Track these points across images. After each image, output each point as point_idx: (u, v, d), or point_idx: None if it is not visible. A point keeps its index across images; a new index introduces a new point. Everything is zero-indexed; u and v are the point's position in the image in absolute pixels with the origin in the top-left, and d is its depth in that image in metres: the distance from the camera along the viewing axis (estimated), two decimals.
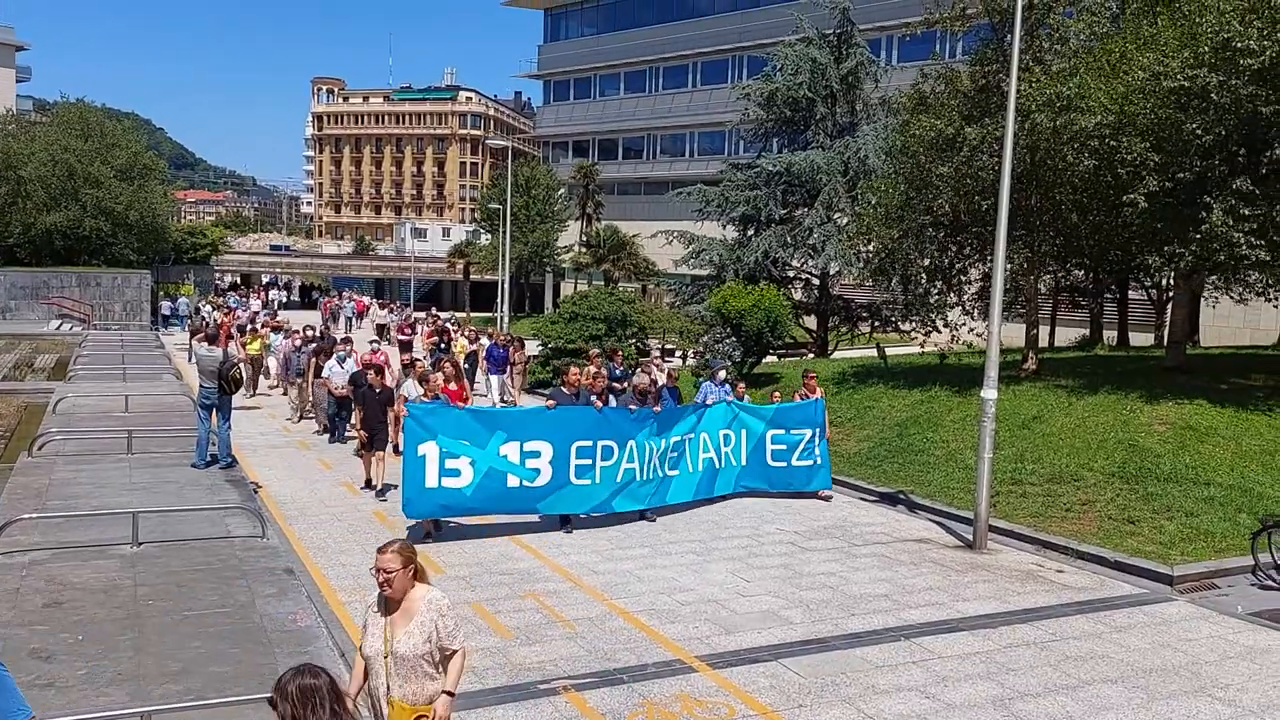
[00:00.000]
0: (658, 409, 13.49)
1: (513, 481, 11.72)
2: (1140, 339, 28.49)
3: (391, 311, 47.73)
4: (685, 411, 14.00)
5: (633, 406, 13.26)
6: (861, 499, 14.76)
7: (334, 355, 18.32)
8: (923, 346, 23.14)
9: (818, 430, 14.56)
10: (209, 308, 42.60)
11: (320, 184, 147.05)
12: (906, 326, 24.05)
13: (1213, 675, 8.23)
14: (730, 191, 31.46)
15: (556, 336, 26.58)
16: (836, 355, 30.00)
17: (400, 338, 31.12)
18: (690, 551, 11.63)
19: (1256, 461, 13.80)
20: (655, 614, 9.35)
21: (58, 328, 43.63)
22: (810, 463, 14.51)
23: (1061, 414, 16.07)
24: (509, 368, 23.13)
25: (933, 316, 21.21)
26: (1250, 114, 14.31)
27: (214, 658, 7.82)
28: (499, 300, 41.22)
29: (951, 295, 21.09)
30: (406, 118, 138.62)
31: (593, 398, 13.36)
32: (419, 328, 34.01)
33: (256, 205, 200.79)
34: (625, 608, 9.49)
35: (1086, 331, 29.39)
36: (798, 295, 31.24)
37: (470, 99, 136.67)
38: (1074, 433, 15.21)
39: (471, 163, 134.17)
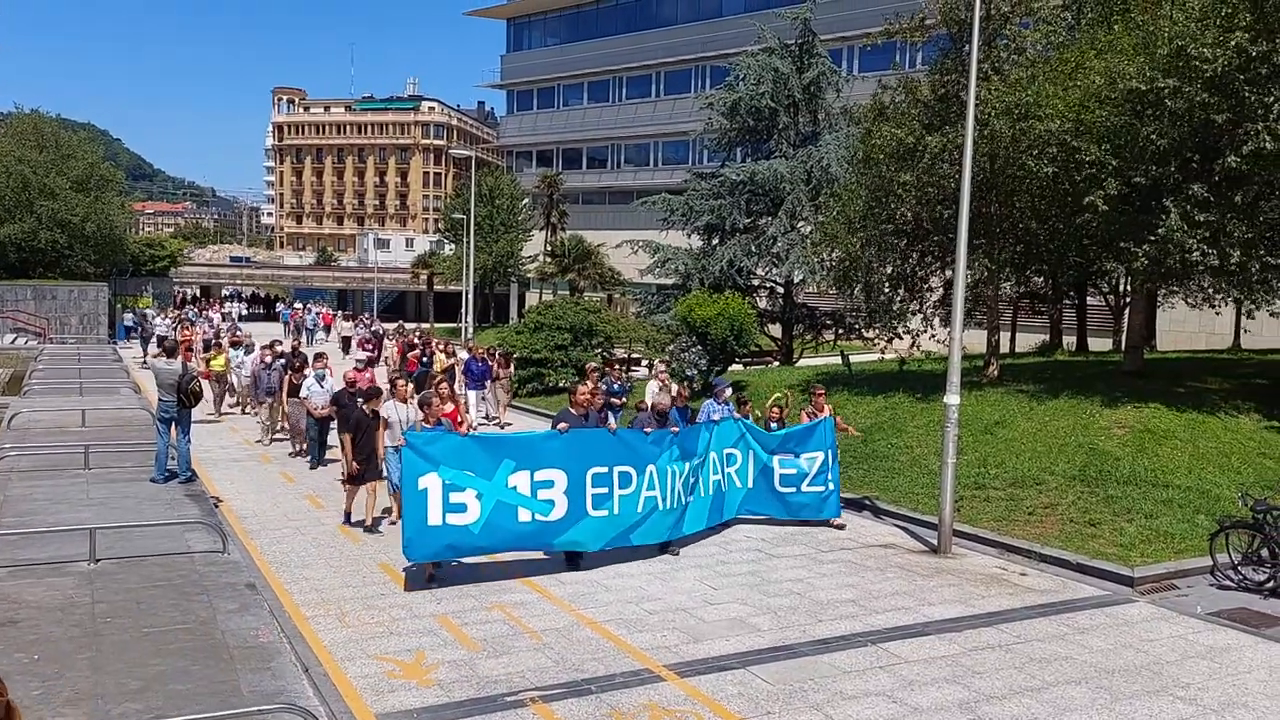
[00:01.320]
0: (675, 430, 12.15)
1: (524, 515, 10.48)
2: (1099, 344, 28.93)
3: (357, 324, 46.42)
4: (700, 431, 12.65)
5: (648, 429, 11.79)
6: None
7: (312, 373, 17.15)
8: (883, 353, 23.32)
9: (829, 452, 13.36)
10: (165, 320, 41.74)
11: (281, 195, 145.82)
12: (870, 334, 24.24)
13: (1174, 675, 8.33)
14: (695, 200, 31.61)
15: (522, 347, 26.51)
16: (801, 363, 30.19)
17: (362, 354, 28.07)
18: (658, 560, 11.60)
19: (1213, 464, 14.04)
20: (623, 623, 9.31)
21: (13, 341, 42.81)
22: (822, 489, 13.32)
23: (1023, 419, 16.25)
24: (491, 383, 22.11)
25: (895, 324, 21.40)
26: (1204, 120, 14.59)
27: (174, 675, 7.68)
28: (463, 311, 41.06)
29: (914, 303, 21.28)
30: (369, 128, 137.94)
31: (610, 420, 11.98)
32: (386, 343, 31.69)
33: (216, 216, 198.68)
34: (593, 617, 9.44)
35: (1046, 337, 29.77)
36: (762, 303, 31.41)
37: (433, 109, 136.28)
38: (1035, 437, 15.39)
39: (435, 173, 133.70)
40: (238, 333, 29.18)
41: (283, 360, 19.48)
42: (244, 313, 63.77)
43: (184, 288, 76.12)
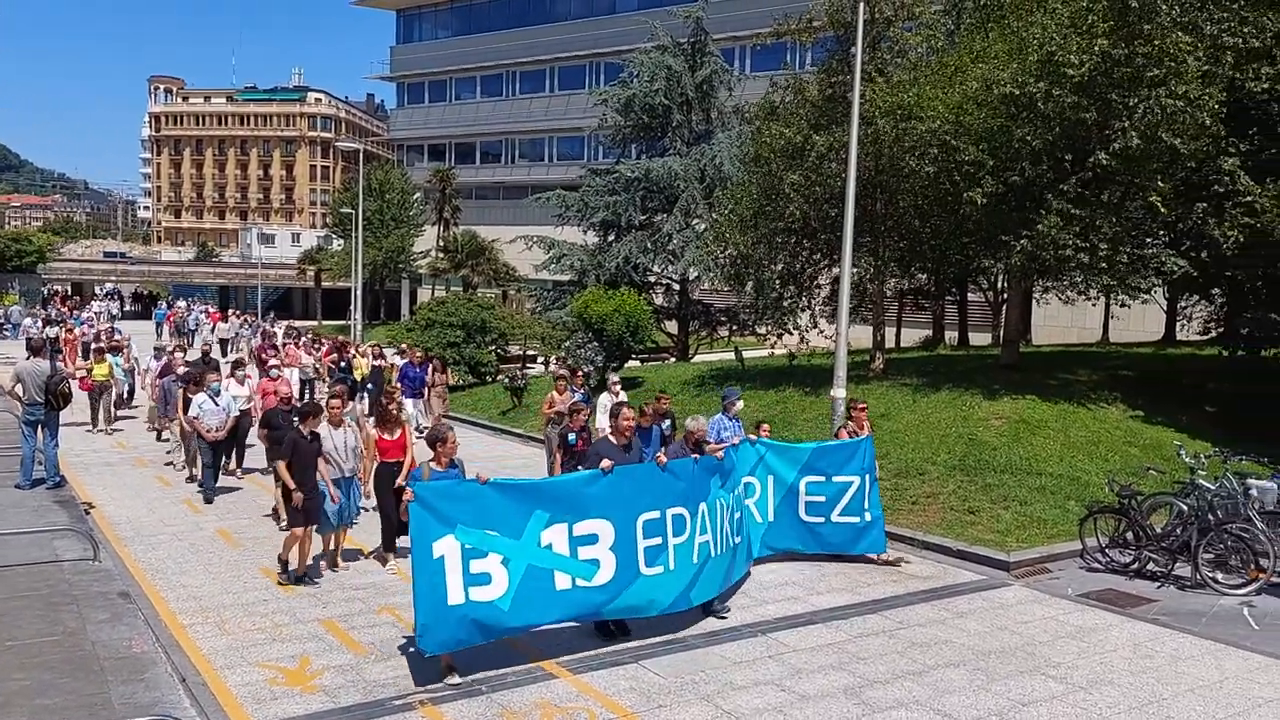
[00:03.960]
0: (719, 454, 10.28)
1: (563, 582, 8.26)
2: (979, 339, 30.03)
3: (244, 323, 43.13)
4: (738, 455, 10.85)
5: (695, 455, 9.70)
6: None
7: (206, 387, 14.39)
8: (773, 348, 23.76)
9: (867, 476, 11.52)
10: (34, 321, 39.42)
11: (159, 188, 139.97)
12: (762, 330, 24.67)
13: (1046, 655, 8.70)
14: (590, 197, 31.59)
15: (413, 345, 26.05)
16: (697, 359, 30.48)
17: (264, 358, 23.00)
18: None
19: (1083, 452, 14.73)
20: None
21: None
22: (856, 519, 11.44)
23: (907, 411, 16.74)
24: (427, 391, 20.24)
25: (785, 320, 21.79)
26: (1074, 121, 15.30)
27: (40, 689, 7.30)
28: (352, 308, 40.14)
29: (803, 299, 21.72)
30: (252, 119, 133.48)
31: (659, 453, 9.67)
32: (294, 347, 26.64)
33: (89, 210, 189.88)
34: None
35: (930, 332, 30.83)
36: (658, 300, 31.60)
37: (320, 100, 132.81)
38: (919, 429, 15.87)
39: (322, 166, 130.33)
40: (116, 336, 27.34)
41: (186, 371, 16.84)
42: (115, 312, 58.96)
43: (54, 285, 72.33)
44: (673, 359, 31.06)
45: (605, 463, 8.71)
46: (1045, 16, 15.71)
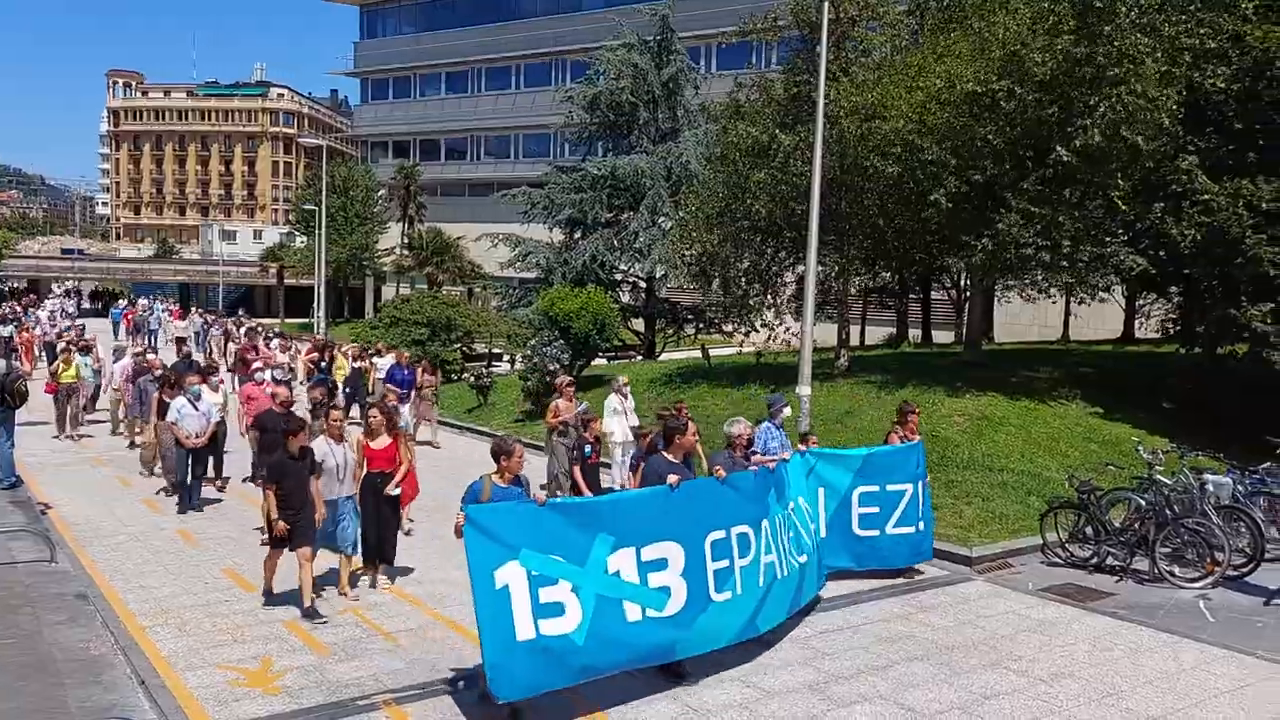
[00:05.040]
0: (771, 465, 9.38)
1: (633, 613, 7.42)
2: (942, 336, 30.34)
3: (210, 322, 41.41)
4: (786, 465, 9.74)
5: (754, 468, 9.07)
6: None
7: (185, 391, 13.60)
8: (740, 346, 23.86)
9: (921, 484, 10.89)
10: None
11: (117, 183, 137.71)
12: (728, 328, 24.74)
13: (1008, 649, 8.79)
14: (556, 194, 31.53)
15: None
16: (664, 357, 30.52)
17: (247, 359, 21.26)
18: None
19: (1043, 448, 14.92)
20: None
21: None
22: (911, 529, 10.74)
23: (871, 408, 16.86)
24: (416, 394, 18.84)
25: (751, 317, 21.88)
26: (1035, 120, 15.49)
27: None
28: (316, 305, 39.78)
29: (769, 297, 21.82)
30: (213, 114, 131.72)
31: (716, 466, 8.60)
32: (265, 347, 24.95)
33: (46, 206, 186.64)
34: (450, 617, 9.27)
35: (894, 330, 31.10)
36: (625, 298, 31.62)
37: (283, 95, 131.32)
38: (883, 426, 15.84)
39: (285, 162, 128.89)
40: (84, 334, 26.57)
41: (160, 373, 15.95)
42: (71, 310, 56.32)
43: (10, 282, 70.94)
44: (639, 357, 31.07)
45: (673, 478, 7.88)
46: (1008, 16, 15.90)
